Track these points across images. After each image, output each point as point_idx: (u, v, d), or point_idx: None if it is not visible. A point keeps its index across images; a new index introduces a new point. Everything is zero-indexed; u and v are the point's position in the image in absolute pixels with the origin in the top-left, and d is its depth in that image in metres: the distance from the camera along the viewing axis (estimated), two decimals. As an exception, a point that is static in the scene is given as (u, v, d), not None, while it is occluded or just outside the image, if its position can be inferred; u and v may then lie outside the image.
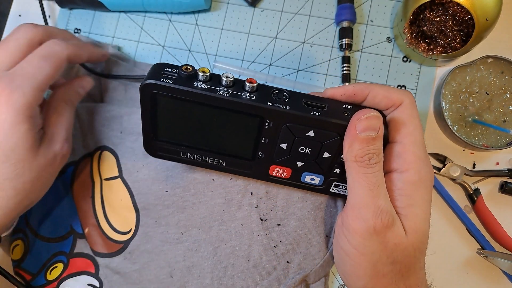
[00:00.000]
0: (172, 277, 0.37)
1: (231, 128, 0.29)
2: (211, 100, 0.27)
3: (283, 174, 0.32)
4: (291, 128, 0.28)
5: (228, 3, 0.46)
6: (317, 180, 0.32)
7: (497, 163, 0.40)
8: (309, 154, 0.30)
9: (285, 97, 0.28)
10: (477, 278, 0.39)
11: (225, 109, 0.27)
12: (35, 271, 0.40)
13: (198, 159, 0.32)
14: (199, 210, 0.38)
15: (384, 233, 0.26)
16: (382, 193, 0.26)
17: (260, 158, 0.31)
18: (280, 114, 0.27)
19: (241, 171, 0.32)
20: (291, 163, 0.31)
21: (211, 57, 0.45)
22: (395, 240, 0.26)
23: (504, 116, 0.39)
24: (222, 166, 0.32)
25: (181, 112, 0.29)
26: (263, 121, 0.28)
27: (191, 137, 0.31)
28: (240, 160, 0.31)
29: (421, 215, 0.26)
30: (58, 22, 0.48)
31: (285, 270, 0.36)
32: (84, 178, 0.41)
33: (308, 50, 0.44)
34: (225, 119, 0.28)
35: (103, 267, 0.39)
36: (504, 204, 0.40)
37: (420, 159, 0.27)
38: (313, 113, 0.27)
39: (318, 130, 0.28)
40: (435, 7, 0.39)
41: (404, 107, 0.27)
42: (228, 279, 0.37)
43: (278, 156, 0.30)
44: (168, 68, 0.27)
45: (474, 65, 0.40)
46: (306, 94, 0.29)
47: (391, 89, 0.28)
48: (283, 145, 0.29)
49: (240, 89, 0.27)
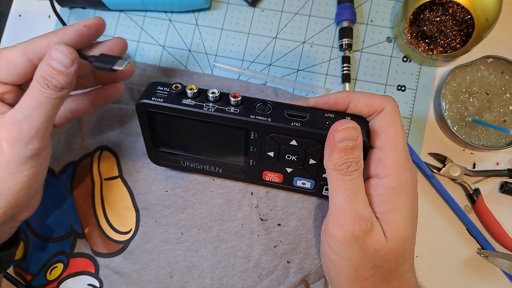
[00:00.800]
0: (172, 277, 0.37)
1: (221, 139, 0.31)
2: (199, 115, 0.29)
3: (275, 179, 0.34)
4: (275, 138, 0.29)
5: (228, 3, 0.46)
6: (308, 184, 0.33)
7: (497, 163, 0.40)
8: (296, 161, 0.31)
9: (268, 109, 0.29)
10: (477, 278, 0.39)
11: (213, 123, 0.29)
12: (35, 271, 0.40)
13: (197, 167, 0.35)
14: (199, 210, 0.38)
15: (363, 239, 0.26)
16: (360, 199, 0.26)
17: (252, 165, 0.33)
18: (262, 126, 0.28)
19: (236, 176, 0.35)
20: (281, 169, 0.32)
21: (211, 57, 0.45)
22: (375, 245, 0.26)
23: (504, 116, 0.39)
24: (219, 172, 0.35)
25: (174, 125, 0.31)
26: (248, 132, 0.30)
27: (187, 147, 0.33)
28: (235, 167, 0.34)
29: (402, 221, 0.26)
30: (58, 21, 0.48)
31: (285, 270, 0.36)
32: (84, 178, 0.41)
33: (308, 50, 0.44)
34: (215, 132, 0.31)
35: (103, 267, 0.39)
36: (504, 204, 0.40)
37: (400, 165, 0.27)
38: (293, 124, 0.28)
39: (300, 139, 0.29)
40: (435, 7, 0.39)
41: (385, 113, 0.27)
42: (228, 279, 0.37)
43: (267, 163, 0.32)
44: (160, 87, 0.30)
45: (474, 65, 0.40)
46: (289, 104, 0.30)
47: (373, 96, 0.28)
48: (270, 153, 0.31)
49: (226, 103, 0.29)
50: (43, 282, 0.39)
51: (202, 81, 0.43)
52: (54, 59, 0.27)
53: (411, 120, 0.41)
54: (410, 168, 0.27)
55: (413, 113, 0.42)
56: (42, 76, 0.27)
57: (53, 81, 0.27)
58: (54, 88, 0.27)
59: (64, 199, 0.40)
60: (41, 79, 0.27)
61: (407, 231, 0.27)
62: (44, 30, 0.47)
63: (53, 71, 0.27)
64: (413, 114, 0.42)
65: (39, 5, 0.48)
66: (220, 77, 0.43)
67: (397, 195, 0.26)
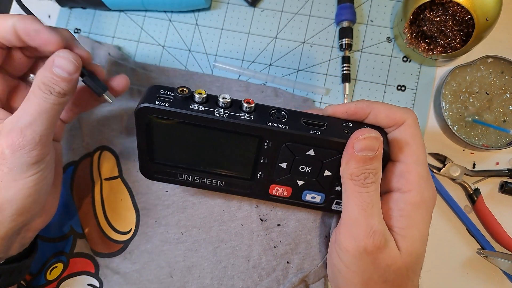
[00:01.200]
0: (172, 277, 0.37)
1: (230, 148, 0.29)
2: (209, 122, 0.26)
3: (283, 193, 0.31)
4: (291, 147, 0.27)
5: (228, 3, 0.46)
6: (318, 198, 0.31)
7: (497, 163, 0.40)
8: (310, 172, 0.29)
9: (284, 116, 0.27)
10: (477, 278, 0.39)
11: (223, 131, 0.27)
12: (35, 271, 0.40)
13: (196, 181, 0.32)
14: (199, 210, 0.38)
15: (375, 254, 0.25)
16: (376, 213, 0.26)
17: (260, 177, 0.30)
18: (279, 134, 0.27)
19: (240, 191, 0.32)
20: (291, 182, 0.30)
21: (211, 57, 0.45)
22: (388, 260, 0.26)
23: (504, 116, 0.39)
24: (221, 187, 0.32)
25: (178, 134, 0.28)
26: (262, 141, 0.27)
27: (188, 159, 0.30)
28: (239, 180, 0.31)
29: (419, 237, 0.26)
30: (58, 21, 0.48)
31: (285, 270, 0.36)
32: (84, 178, 0.41)
33: (308, 50, 0.44)
34: (224, 140, 0.28)
35: (103, 267, 0.39)
36: (504, 204, 0.40)
37: (423, 179, 0.26)
38: (312, 132, 0.26)
39: (318, 148, 0.27)
40: (435, 7, 0.39)
41: (407, 126, 0.27)
42: (228, 279, 0.37)
43: (278, 175, 0.30)
44: (164, 90, 0.27)
45: (474, 65, 0.40)
46: (305, 112, 0.28)
47: (394, 107, 0.28)
48: (282, 164, 0.29)
49: (238, 110, 0.27)
50: (43, 282, 0.39)
51: (202, 81, 0.43)
52: (57, 66, 0.27)
53: (411, 120, 0.42)
54: (432, 183, 0.27)
55: (413, 113, 0.42)
56: (44, 82, 0.26)
57: (56, 88, 0.27)
58: (57, 95, 0.27)
59: (64, 199, 0.40)
60: (43, 86, 0.26)
61: (422, 247, 0.27)
62: (44, 30, 0.47)
63: (56, 77, 0.27)
64: (413, 114, 0.42)
65: (39, 5, 0.48)
66: (220, 77, 0.43)
67: (418, 211, 0.26)
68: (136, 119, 0.28)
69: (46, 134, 0.27)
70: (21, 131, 0.25)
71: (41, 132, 0.26)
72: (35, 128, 0.26)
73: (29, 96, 0.27)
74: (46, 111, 0.26)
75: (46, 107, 0.26)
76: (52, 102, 0.27)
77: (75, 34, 0.47)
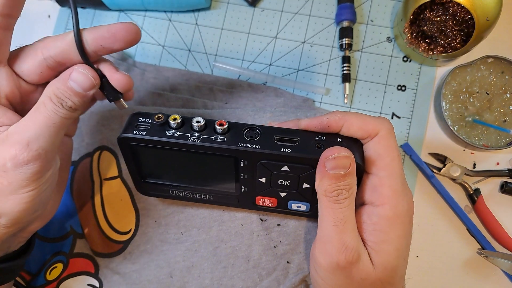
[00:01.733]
0: (172, 277, 0.37)
1: (210, 168, 0.30)
2: (184, 146, 0.28)
3: (269, 203, 0.32)
4: (266, 164, 0.28)
5: (228, 3, 0.46)
6: (303, 207, 0.32)
7: (497, 163, 0.40)
8: (289, 185, 0.30)
9: (257, 135, 0.28)
10: (477, 278, 0.39)
11: (199, 153, 0.28)
12: (35, 271, 0.39)
13: (186, 196, 0.33)
14: (199, 210, 0.38)
15: (349, 269, 0.25)
16: (349, 228, 0.26)
17: (244, 191, 0.31)
18: (252, 154, 0.27)
19: (229, 202, 0.33)
20: (274, 193, 0.31)
21: (211, 57, 0.45)
22: (362, 275, 0.26)
23: (504, 116, 0.39)
24: (210, 200, 0.33)
25: (160, 157, 0.30)
26: (237, 160, 0.29)
27: (175, 177, 0.32)
28: (226, 194, 0.32)
29: (393, 252, 0.26)
30: (58, 21, 0.48)
31: (285, 270, 0.36)
32: (84, 178, 0.41)
33: (308, 50, 0.44)
34: (202, 161, 0.29)
35: (103, 267, 0.39)
36: (504, 204, 0.39)
37: (396, 193, 0.26)
38: (283, 150, 0.27)
39: (291, 164, 0.28)
40: (435, 7, 0.39)
41: (380, 138, 0.26)
42: (228, 279, 0.37)
43: (260, 189, 0.31)
44: (142, 118, 0.29)
45: (474, 65, 0.39)
46: (279, 128, 0.29)
47: (367, 119, 0.27)
48: (262, 179, 0.30)
49: (212, 132, 0.28)
50: (43, 282, 0.39)
51: (202, 81, 0.43)
52: (73, 80, 0.26)
53: (411, 120, 0.41)
54: (407, 195, 0.26)
55: (413, 113, 0.42)
56: (57, 94, 0.25)
57: (68, 102, 0.26)
58: (68, 109, 0.26)
59: (64, 199, 0.40)
60: (55, 98, 0.25)
61: (398, 261, 0.26)
62: (44, 30, 0.47)
63: (70, 91, 0.26)
64: (413, 114, 0.42)
65: (39, 5, 0.48)
66: (220, 77, 0.43)
67: (391, 226, 0.26)
68: (120, 146, 0.29)
69: (52, 149, 0.26)
70: (27, 145, 0.24)
71: (46, 147, 0.25)
72: (41, 142, 0.24)
73: (39, 106, 0.25)
74: (55, 124, 0.25)
75: (55, 120, 0.25)
76: (62, 116, 0.26)
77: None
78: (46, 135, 0.25)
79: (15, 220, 0.26)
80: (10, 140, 0.24)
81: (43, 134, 0.25)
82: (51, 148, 0.25)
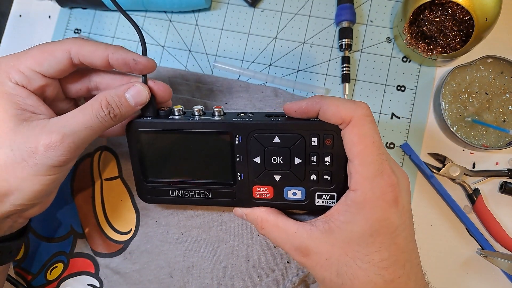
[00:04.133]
0: (172, 277, 0.37)
1: (208, 151, 0.32)
2: (186, 125, 0.31)
3: (266, 194, 0.32)
4: (258, 138, 0.30)
5: (228, 3, 0.46)
6: (299, 193, 0.32)
7: (497, 163, 0.40)
8: (282, 163, 0.31)
9: (250, 116, 0.31)
10: (477, 278, 0.39)
11: (199, 133, 0.31)
12: (35, 271, 0.40)
13: (185, 196, 0.34)
14: (199, 211, 0.38)
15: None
16: None
17: (241, 180, 0.32)
18: (245, 125, 0.30)
19: (226, 200, 0.33)
20: (269, 179, 0.32)
21: (211, 57, 0.45)
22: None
23: (504, 116, 0.39)
24: (209, 198, 0.34)
25: (162, 145, 0.32)
26: (233, 137, 0.31)
27: (175, 170, 0.33)
28: (224, 187, 0.33)
29: (356, 232, 0.26)
30: (58, 22, 0.48)
31: (284, 270, 0.36)
32: (84, 178, 0.41)
33: (308, 50, 0.44)
34: (202, 143, 0.32)
35: (103, 267, 0.39)
36: (504, 204, 0.40)
37: (367, 180, 0.26)
38: (273, 120, 0.30)
39: (282, 134, 0.30)
40: (434, 7, 0.39)
41: (353, 125, 0.26)
42: (228, 279, 0.37)
43: (255, 173, 0.32)
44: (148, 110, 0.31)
45: (474, 65, 0.40)
46: (268, 112, 0.33)
47: (341, 104, 0.27)
48: (256, 159, 0.31)
49: (210, 115, 0.32)
50: (43, 282, 0.39)
51: (202, 81, 0.43)
52: (131, 93, 0.29)
53: (411, 120, 0.42)
54: (381, 182, 0.26)
55: (413, 113, 0.42)
56: (109, 101, 0.28)
57: (116, 110, 0.28)
58: (112, 117, 0.28)
59: (65, 199, 0.40)
60: (105, 103, 0.28)
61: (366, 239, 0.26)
62: (44, 30, 0.48)
63: (122, 101, 0.28)
64: (413, 114, 0.42)
65: (39, 5, 0.48)
66: (220, 77, 0.43)
67: (360, 210, 0.26)
68: (128, 136, 0.32)
69: (81, 147, 0.28)
70: (62, 137, 0.26)
71: (78, 143, 0.27)
72: (75, 138, 0.27)
73: (85, 106, 0.28)
74: (92, 127, 0.28)
75: (95, 122, 0.28)
76: (101, 121, 0.28)
77: (75, 35, 0.47)
78: (81, 134, 0.27)
79: (27, 200, 0.28)
80: (49, 128, 0.27)
81: (78, 132, 0.27)
82: (81, 145, 0.28)
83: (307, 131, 0.29)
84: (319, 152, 0.30)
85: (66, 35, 0.47)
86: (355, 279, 0.26)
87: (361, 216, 0.26)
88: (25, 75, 0.28)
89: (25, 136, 0.26)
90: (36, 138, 0.26)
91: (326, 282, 0.27)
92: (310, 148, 0.30)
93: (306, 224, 0.29)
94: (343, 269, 0.26)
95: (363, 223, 0.26)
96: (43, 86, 0.29)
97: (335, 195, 0.31)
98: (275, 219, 0.30)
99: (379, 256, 0.26)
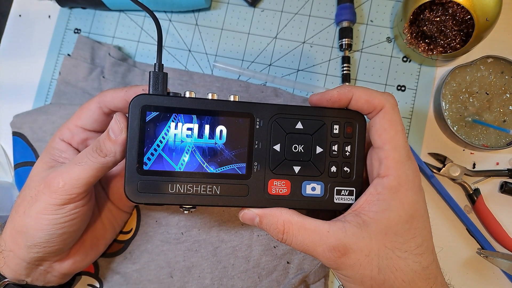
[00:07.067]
0: (172, 277, 0.37)
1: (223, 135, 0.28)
2: (201, 104, 0.27)
3: (282, 189, 0.29)
4: (280, 122, 0.29)
5: (228, 3, 0.46)
6: (318, 188, 0.30)
7: (497, 163, 0.40)
8: (303, 152, 0.29)
9: None
10: (477, 278, 0.39)
11: (215, 113, 0.28)
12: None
13: (188, 191, 0.28)
14: (199, 211, 0.38)
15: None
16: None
17: (256, 171, 0.29)
18: (267, 107, 0.28)
19: (237, 197, 0.29)
20: (288, 170, 0.29)
21: (211, 57, 0.45)
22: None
23: (504, 116, 0.39)
24: (216, 194, 0.29)
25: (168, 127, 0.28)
26: (253, 120, 0.28)
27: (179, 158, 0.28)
28: (236, 180, 0.29)
29: (394, 218, 0.26)
30: (58, 21, 0.48)
31: (285, 270, 0.36)
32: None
33: (308, 50, 0.44)
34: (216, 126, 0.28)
35: (103, 267, 0.39)
36: (504, 204, 0.40)
37: (400, 164, 0.27)
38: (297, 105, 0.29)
39: (305, 120, 0.29)
40: (435, 7, 0.39)
41: (385, 112, 0.27)
42: (228, 280, 0.37)
43: (273, 163, 0.29)
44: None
45: (474, 65, 0.40)
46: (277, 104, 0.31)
47: (373, 93, 0.28)
48: (276, 147, 0.29)
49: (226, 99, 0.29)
50: (44, 282, 0.39)
51: (202, 81, 0.43)
52: (110, 127, 0.28)
53: (411, 120, 0.42)
54: (412, 166, 0.27)
55: (413, 113, 0.42)
56: (97, 141, 0.29)
57: (103, 148, 0.29)
58: (99, 153, 0.28)
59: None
60: (95, 144, 0.29)
61: (399, 226, 0.26)
62: (44, 30, 0.47)
63: (105, 138, 0.28)
64: (413, 114, 0.42)
65: (39, 5, 0.48)
66: (220, 77, 0.43)
67: (394, 195, 0.26)
68: (131, 112, 0.27)
69: (81, 190, 0.29)
70: (62, 182, 0.28)
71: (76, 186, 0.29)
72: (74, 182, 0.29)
73: (82, 155, 0.29)
74: (89, 170, 0.29)
75: (90, 165, 0.29)
76: (94, 161, 0.28)
77: (75, 35, 0.47)
78: (81, 178, 0.29)
79: (34, 239, 0.29)
80: (58, 170, 0.29)
81: (78, 180, 0.29)
82: (82, 189, 0.29)
83: (330, 117, 0.29)
84: (339, 141, 0.29)
85: (66, 35, 0.47)
86: (397, 271, 0.26)
87: (396, 202, 0.26)
88: (71, 131, 0.33)
89: (41, 177, 0.30)
90: (43, 179, 0.29)
91: (366, 280, 0.26)
92: (331, 136, 0.29)
93: (336, 221, 0.27)
94: (384, 262, 0.26)
95: (399, 209, 0.26)
96: (85, 139, 0.33)
97: (353, 190, 0.30)
98: (301, 220, 0.27)
99: (415, 243, 0.26)
